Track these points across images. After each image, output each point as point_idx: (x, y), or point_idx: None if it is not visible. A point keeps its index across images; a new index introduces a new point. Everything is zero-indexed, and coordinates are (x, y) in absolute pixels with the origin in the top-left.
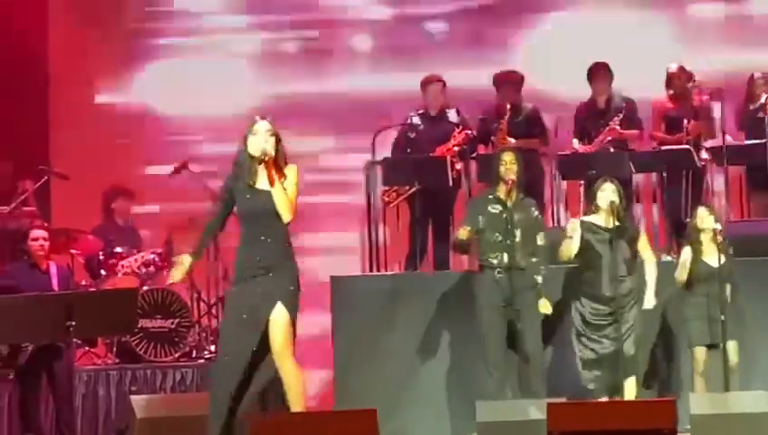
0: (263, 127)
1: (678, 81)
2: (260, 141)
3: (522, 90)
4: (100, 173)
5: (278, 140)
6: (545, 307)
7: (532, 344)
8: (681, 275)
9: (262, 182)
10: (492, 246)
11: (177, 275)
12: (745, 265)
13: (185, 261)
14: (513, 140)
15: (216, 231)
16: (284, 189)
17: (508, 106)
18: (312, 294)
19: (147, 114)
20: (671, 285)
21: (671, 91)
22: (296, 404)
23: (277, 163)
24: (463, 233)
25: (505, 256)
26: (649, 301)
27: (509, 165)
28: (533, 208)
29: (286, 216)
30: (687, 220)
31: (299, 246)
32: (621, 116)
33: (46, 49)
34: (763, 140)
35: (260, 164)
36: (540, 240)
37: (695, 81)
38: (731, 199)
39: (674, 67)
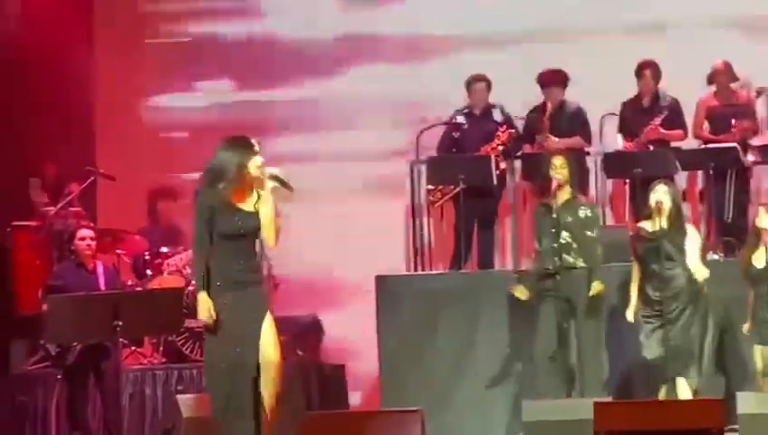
0: (257, 147)
1: (722, 77)
2: (260, 162)
3: (566, 88)
4: (146, 174)
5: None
6: (597, 287)
7: (586, 344)
8: None
9: (245, 202)
10: (546, 251)
11: (206, 314)
12: None
13: (205, 299)
14: (556, 139)
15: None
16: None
17: (548, 104)
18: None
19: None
20: (726, 284)
21: (714, 88)
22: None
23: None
24: (517, 292)
25: (557, 259)
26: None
27: (559, 169)
28: (583, 207)
29: (272, 241)
30: (728, 219)
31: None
32: (663, 116)
33: (92, 51)
34: None
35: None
36: (592, 233)
37: (739, 79)
38: None
39: (719, 63)
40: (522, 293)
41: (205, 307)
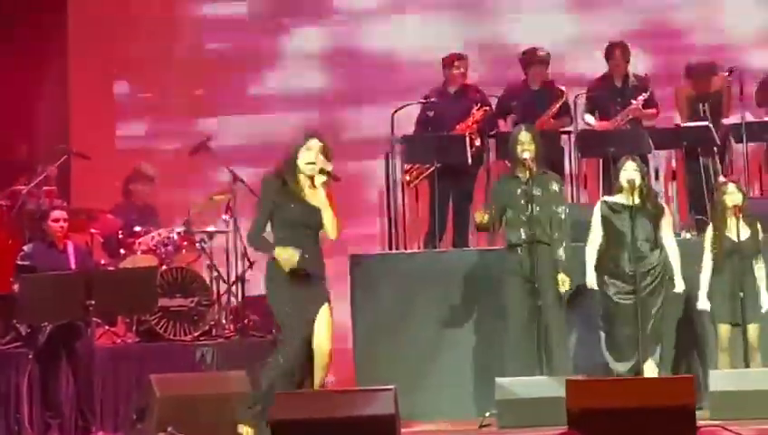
0: (315, 145)
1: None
2: (312, 158)
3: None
4: (120, 153)
5: (329, 159)
6: (564, 284)
7: (554, 320)
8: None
9: (309, 194)
10: (513, 224)
11: (289, 255)
12: (765, 242)
13: (281, 249)
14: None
15: None
16: (331, 208)
17: (529, 82)
18: None
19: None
20: (696, 263)
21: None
22: (321, 381)
23: (328, 181)
24: (479, 216)
25: (525, 232)
26: (679, 285)
27: (526, 145)
28: (554, 182)
29: (335, 234)
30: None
31: None
32: (646, 96)
33: (66, 28)
34: None
35: (308, 178)
36: (562, 213)
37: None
38: (750, 176)
39: None
40: (479, 216)
41: (286, 255)
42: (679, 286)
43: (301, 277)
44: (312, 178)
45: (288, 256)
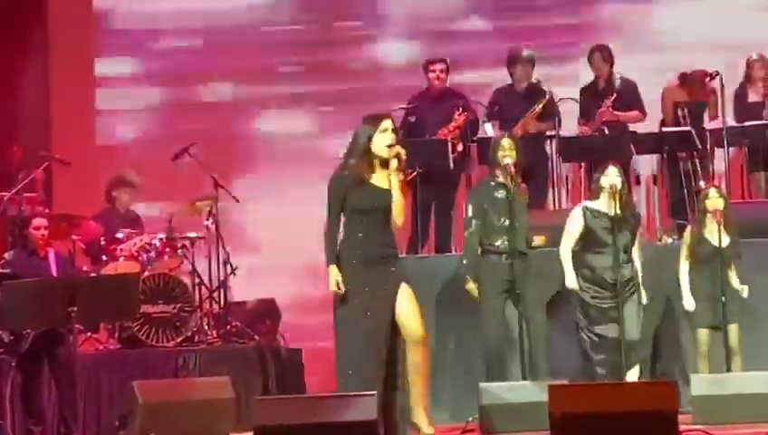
0: (390, 125)
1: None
2: (389, 139)
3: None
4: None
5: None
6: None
7: (535, 327)
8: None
9: (377, 178)
10: (496, 229)
11: (333, 284)
12: (745, 246)
13: (333, 271)
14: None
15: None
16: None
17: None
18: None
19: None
20: (675, 268)
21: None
22: (425, 385)
23: (400, 165)
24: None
25: (508, 241)
26: (643, 298)
27: (507, 151)
28: (524, 193)
29: (401, 221)
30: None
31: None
32: (613, 98)
33: (46, 29)
34: (763, 122)
35: (381, 162)
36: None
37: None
38: (731, 181)
39: None
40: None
41: (332, 278)
42: (643, 299)
43: (374, 266)
44: (388, 161)
45: (332, 281)
